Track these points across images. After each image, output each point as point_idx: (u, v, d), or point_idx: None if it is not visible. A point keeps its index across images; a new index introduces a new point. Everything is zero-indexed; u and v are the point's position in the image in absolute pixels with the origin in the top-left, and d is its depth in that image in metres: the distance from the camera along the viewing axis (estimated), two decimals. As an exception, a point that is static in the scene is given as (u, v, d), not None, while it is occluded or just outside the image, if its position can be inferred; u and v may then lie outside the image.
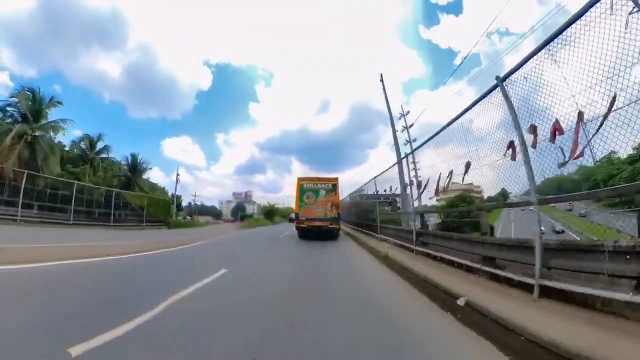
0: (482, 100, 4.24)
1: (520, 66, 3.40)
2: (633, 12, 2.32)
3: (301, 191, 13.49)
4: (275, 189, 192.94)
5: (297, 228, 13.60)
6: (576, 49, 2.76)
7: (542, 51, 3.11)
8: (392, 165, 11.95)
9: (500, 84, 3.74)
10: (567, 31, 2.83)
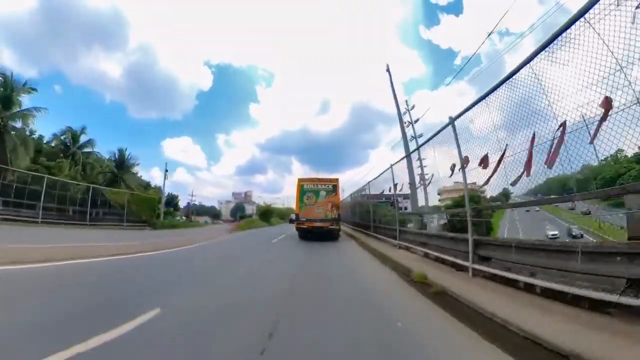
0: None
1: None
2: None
3: (301, 192, 13.36)
4: (276, 190, 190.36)
5: (297, 229, 13.46)
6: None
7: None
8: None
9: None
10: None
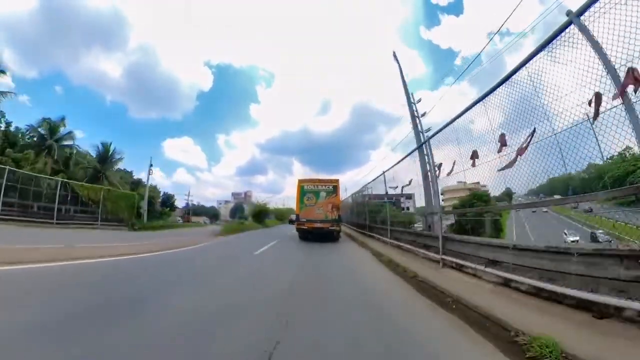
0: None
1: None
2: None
3: (302, 193, 13.33)
4: (276, 190, 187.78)
5: (297, 229, 13.46)
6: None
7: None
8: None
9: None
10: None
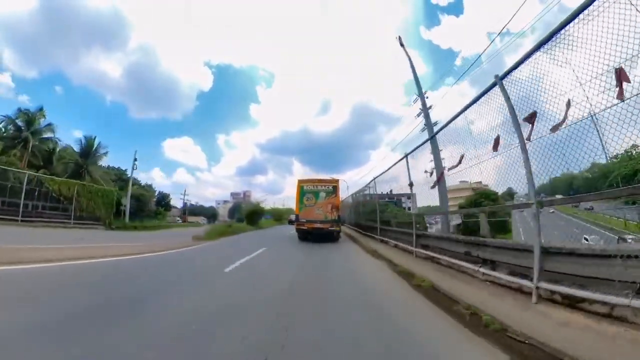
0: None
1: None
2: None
3: (301, 193, 13.21)
4: (276, 190, 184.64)
5: (297, 230, 13.37)
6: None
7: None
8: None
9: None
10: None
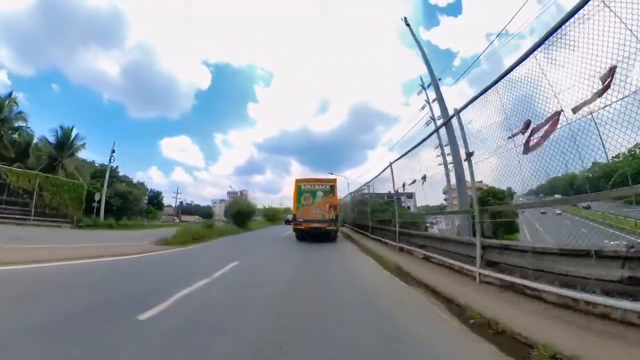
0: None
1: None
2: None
3: (299, 193, 13.17)
4: (274, 190, 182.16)
5: (294, 230, 13.28)
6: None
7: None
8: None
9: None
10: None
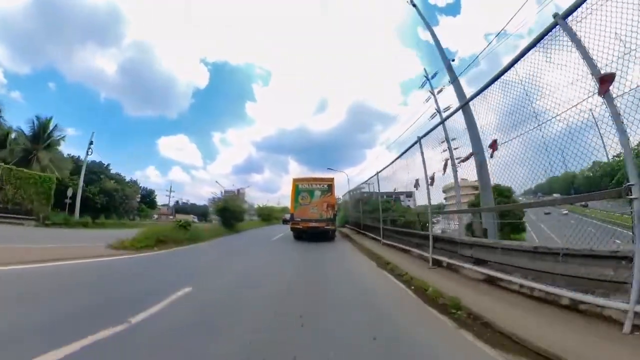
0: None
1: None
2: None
3: (296, 192, 13.19)
4: (273, 189, 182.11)
5: (292, 229, 13.22)
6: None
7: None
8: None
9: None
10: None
